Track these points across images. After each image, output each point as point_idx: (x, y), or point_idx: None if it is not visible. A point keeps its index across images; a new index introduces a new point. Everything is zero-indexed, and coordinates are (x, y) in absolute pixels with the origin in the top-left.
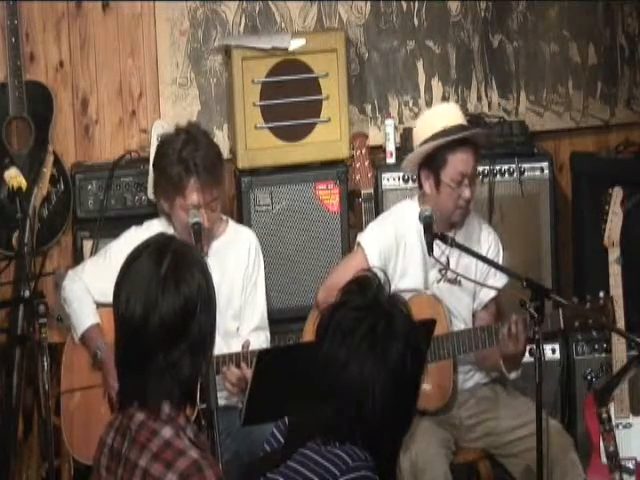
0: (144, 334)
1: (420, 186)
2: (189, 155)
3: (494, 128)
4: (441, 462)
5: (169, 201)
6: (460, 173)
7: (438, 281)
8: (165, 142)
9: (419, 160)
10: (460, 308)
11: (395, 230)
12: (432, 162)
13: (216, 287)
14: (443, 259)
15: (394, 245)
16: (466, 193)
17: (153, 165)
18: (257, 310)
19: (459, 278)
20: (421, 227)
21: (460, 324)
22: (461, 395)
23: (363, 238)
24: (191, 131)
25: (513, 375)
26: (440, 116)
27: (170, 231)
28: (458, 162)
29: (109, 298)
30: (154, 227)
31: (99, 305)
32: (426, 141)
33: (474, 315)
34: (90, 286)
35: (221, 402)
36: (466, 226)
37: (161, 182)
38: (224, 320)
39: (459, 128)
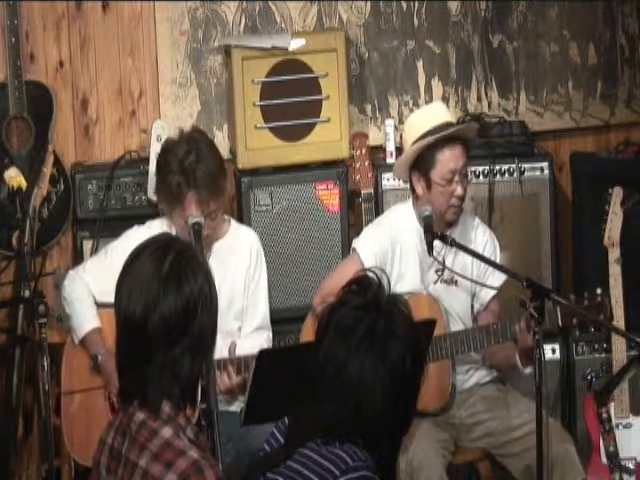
0: (145, 333)
1: (413, 191)
2: (190, 167)
3: (494, 128)
4: (437, 462)
5: (169, 207)
6: (450, 171)
7: (435, 282)
8: (168, 148)
9: (408, 163)
10: (457, 308)
11: (390, 234)
12: (421, 163)
13: (217, 288)
14: (439, 259)
15: (389, 249)
16: (458, 190)
17: (155, 168)
18: (259, 310)
19: (455, 278)
20: (416, 229)
21: (458, 324)
22: (460, 395)
23: (358, 243)
24: (195, 139)
25: (529, 370)
26: (425, 117)
27: (172, 231)
28: (447, 160)
29: (110, 297)
30: (156, 226)
31: (100, 305)
32: (413, 143)
33: (476, 316)
34: (91, 285)
35: (221, 407)
36: (461, 225)
37: (162, 188)
38: (225, 320)
39: (445, 126)
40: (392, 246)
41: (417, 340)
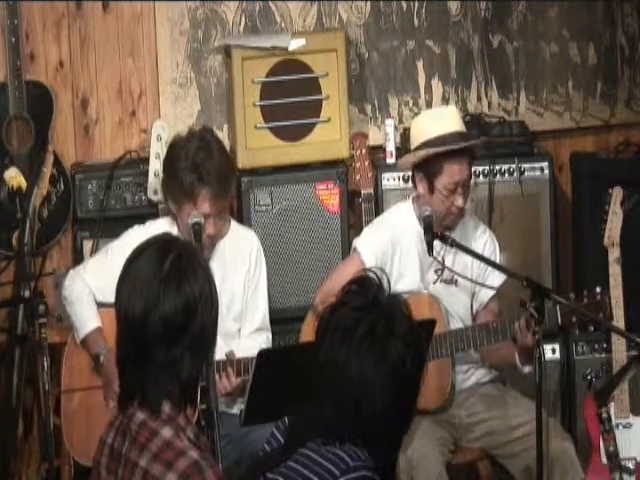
0: (145, 332)
1: (415, 185)
2: (202, 164)
3: (494, 128)
4: (436, 459)
5: (177, 205)
6: (454, 182)
7: (435, 282)
8: (177, 145)
9: (414, 163)
10: (457, 308)
11: (391, 233)
12: (427, 168)
13: (217, 289)
14: (439, 259)
15: (390, 248)
16: (459, 201)
17: (163, 167)
18: (259, 312)
19: (455, 278)
20: (416, 229)
21: (458, 323)
22: (460, 394)
23: (359, 242)
24: (205, 138)
25: (527, 369)
26: (438, 120)
27: (173, 231)
28: (453, 172)
29: (110, 297)
30: (157, 226)
31: (100, 305)
32: (423, 144)
33: (476, 315)
34: (92, 285)
35: (221, 408)
36: (461, 225)
37: (171, 186)
38: (225, 321)
39: (457, 136)
40: (392, 246)
41: (417, 340)
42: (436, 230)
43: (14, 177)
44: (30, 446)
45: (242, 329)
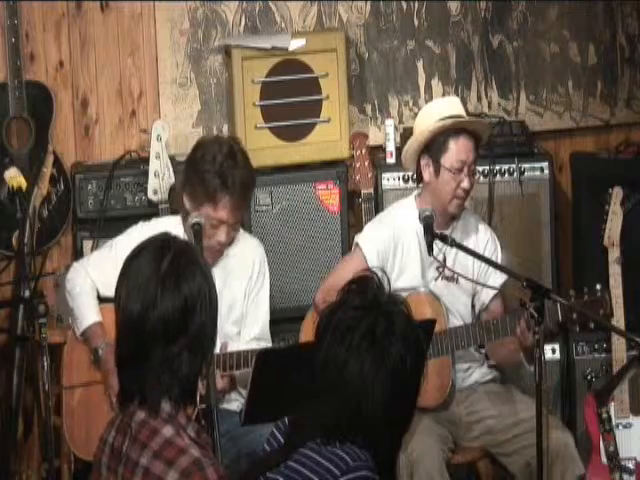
0: (143, 331)
1: (419, 180)
2: (229, 171)
3: (494, 128)
4: (436, 455)
5: (195, 204)
6: (461, 160)
7: (435, 279)
8: (205, 146)
9: (421, 146)
10: (458, 306)
11: (393, 230)
12: (433, 147)
13: (218, 291)
14: (440, 257)
15: (392, 245)
16: (465, 182)
17: (187, 164)
18: (259, 320)
19: (456, 276)
20: (418, 225)
21: (458, 321)
22: (460, 393)
23: (361, 239)
24: (233, 146)
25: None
26: (443, 105)
27: (177, 229)
28: (460, 149)
29: (112, 292)
30: (161, 224)
31: (103, 299)
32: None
33: (479, 317)
34: (95, 279)
35: (221, 405)
36: (463, 222)
37: (194, 184)
38: (224, 323)
39: (460, 117)
40: (394, 242)
41: (417, 340)
42: (440, 222)
43: (14, 177)
44: (30, 446)
45: (242, 335)
